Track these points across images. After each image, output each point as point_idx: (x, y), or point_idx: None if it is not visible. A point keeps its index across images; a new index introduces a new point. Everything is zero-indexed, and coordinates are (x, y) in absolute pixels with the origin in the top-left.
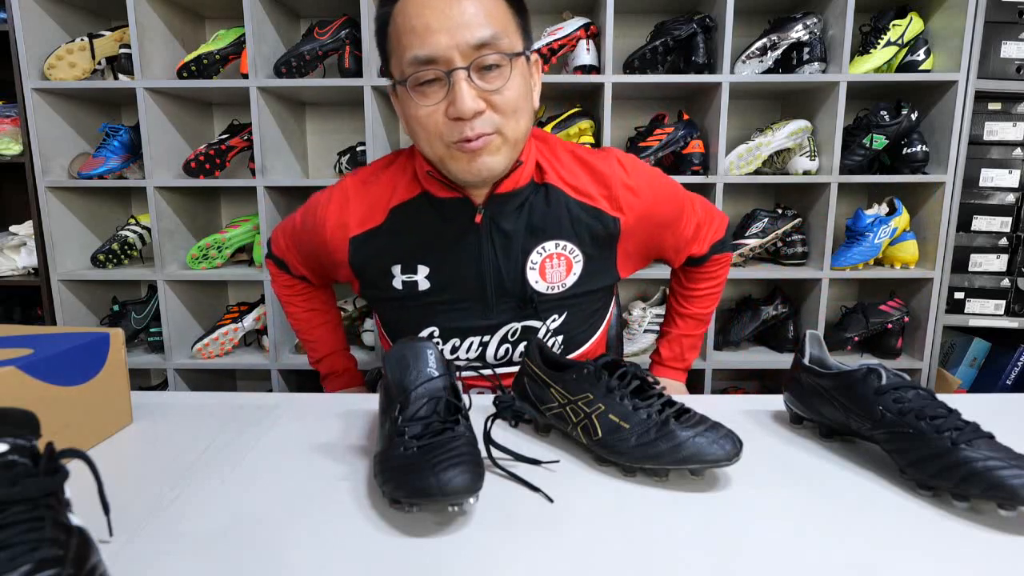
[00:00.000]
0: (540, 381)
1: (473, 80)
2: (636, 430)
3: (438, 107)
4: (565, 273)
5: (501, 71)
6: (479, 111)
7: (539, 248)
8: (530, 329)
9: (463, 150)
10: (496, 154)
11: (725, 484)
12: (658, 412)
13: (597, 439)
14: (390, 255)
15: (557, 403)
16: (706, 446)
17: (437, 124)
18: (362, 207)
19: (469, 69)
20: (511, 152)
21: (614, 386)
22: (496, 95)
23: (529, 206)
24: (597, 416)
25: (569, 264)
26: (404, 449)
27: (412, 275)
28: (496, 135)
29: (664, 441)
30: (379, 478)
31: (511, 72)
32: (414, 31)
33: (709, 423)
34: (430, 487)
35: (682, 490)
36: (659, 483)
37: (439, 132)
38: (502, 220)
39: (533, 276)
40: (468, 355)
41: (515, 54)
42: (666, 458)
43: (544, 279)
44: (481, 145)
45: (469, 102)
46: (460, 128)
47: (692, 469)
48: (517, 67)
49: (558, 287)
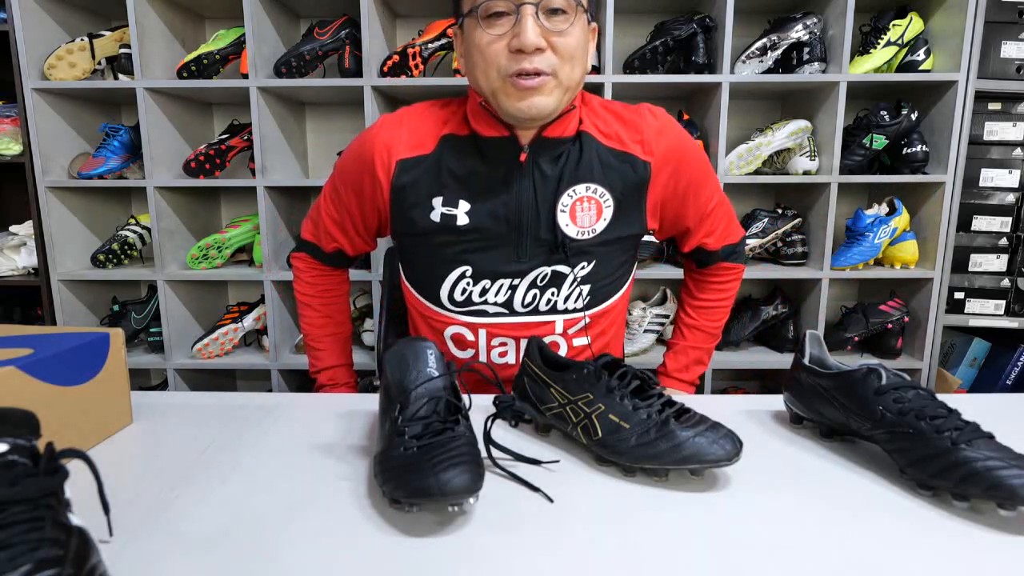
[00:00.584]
0: (540, 381)
1: (540, 19)
2: (636, 430)
3: (503, 38)
4: (596, 217)
5: (566, 16)
6: (540, 47)
7: (570, 191)
8: (559, 275)
9: (517, 86)
10: (548, 95)
11: (725, 484)
12: (658, 412)
13: (597, 439)
14: (434, 185)
15: (557, 403)
16: (706, 446)
17: (498, 54)
18: (414, 133)
19: (538, 7)
20: (562, 96)
21: (614, 386)
22: (558, 37)
23: (566, 155)
24: (597, 416)
25: (600, 208)
26: (404, 449)
27: (453, 208)
28: (551, 76)
29: (664, 441)
30: (379, 478)
31: (574, 21)
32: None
33: (709, 423)
34: (430, 487)
35: (682, 490)
36: (659, 483)
37: (498, 63)
38: (544, 163)
39: (564, 219)
40: (496, 298)
41: (580, 5)
42: (666, 458)
43: (575, 222)
44: (536, 84)
45: (532, 36)
46: (519, 61)
47: (692, 469)
48: (580, 20)
49: (588, 232)
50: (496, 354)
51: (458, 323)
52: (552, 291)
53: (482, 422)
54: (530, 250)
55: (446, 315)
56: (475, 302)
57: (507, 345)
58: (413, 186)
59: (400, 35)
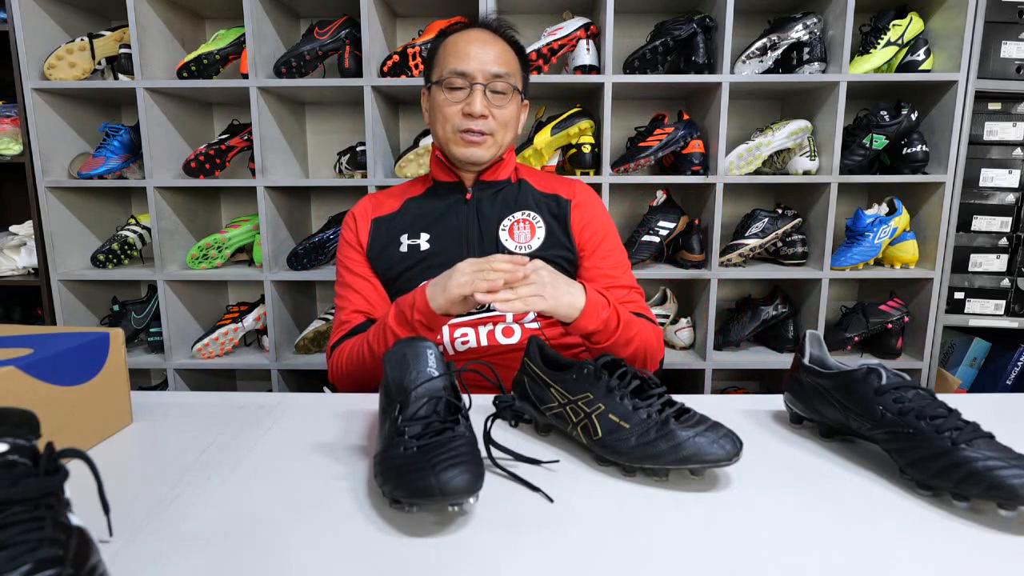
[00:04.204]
0: (540, 381)
1: (486, 95)
2: (636, 430)
3: (458, 103)
4: (530, 235)
5: (504, 96)
6: (483, 115)
7: (510, 216)
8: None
9: (464, 139)
10: (486, 150)
11: (725, 484)
12: (658, 412)
13: (597, 439)
14: (400, 228)
15: (557, 403)
16: (706, 446)
17: (453, 114)
18: (383, 203)
19: (485, 87)
20: (495, 151)
21: (614, 386)
22: (497, 109)
23: (504, 192)
24: (597, 416)
25: (533, 228)
26: (404, 449)
27: (416, 239)
28: (489, 136)
29: (664, 441)
30: (379, 478)
31: (510, 99)
32: (458, 54)
33: (709, 423)
34: (430, 487)
35: (682, 490)
36: (659, 483)
37: (453, 121)
38: (484, 199)
39: (504, 235)
40: None
41: (516, 89)
42: (666, 458)
43: (512, 237)
44: (478, 140)
45: (479, 106)
46: (468, 122)
47: (692, 469)
48: (514, 100)
49: (525, 248)
50: (459, 343)
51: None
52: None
53: (482, 422)
54: None
55: None
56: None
57: (468, 335)
58: (387, 230)
59: (400, 35)
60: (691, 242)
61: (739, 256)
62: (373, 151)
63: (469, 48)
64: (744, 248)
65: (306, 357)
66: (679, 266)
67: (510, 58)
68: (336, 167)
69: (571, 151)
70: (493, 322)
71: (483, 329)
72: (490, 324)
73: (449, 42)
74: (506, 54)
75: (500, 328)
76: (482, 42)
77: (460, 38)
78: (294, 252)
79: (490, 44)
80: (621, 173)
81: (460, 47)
